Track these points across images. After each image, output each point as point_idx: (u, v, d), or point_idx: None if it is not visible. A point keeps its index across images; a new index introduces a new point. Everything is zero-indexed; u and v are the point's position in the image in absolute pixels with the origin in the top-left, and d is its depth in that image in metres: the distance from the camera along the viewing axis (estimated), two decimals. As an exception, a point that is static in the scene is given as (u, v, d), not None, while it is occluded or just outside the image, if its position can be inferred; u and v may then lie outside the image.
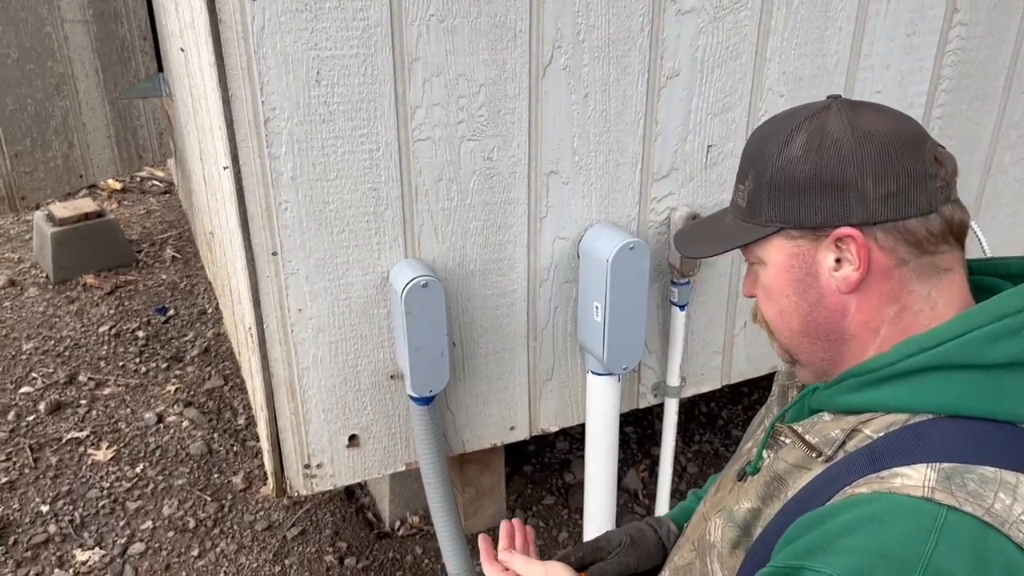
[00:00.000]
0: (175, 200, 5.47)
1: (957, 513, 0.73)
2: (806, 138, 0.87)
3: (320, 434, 1.84)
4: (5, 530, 2.67)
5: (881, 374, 0.85)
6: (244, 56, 1.47)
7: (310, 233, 1.65)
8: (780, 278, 0.92)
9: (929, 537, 0.72)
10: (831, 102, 0.89)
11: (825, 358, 0.92)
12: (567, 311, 1.98)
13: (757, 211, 0.91)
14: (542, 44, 1.69)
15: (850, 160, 0.85)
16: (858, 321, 0.89)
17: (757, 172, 0.91)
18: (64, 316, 3.97)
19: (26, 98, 3.14)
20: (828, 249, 0.87)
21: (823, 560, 0.75)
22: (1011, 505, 0.74)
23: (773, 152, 0.89)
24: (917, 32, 2.09)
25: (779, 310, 0.94)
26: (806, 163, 0.86)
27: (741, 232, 0.94)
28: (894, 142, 0.85)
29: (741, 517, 0.94)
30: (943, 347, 0.82)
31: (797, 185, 0.87)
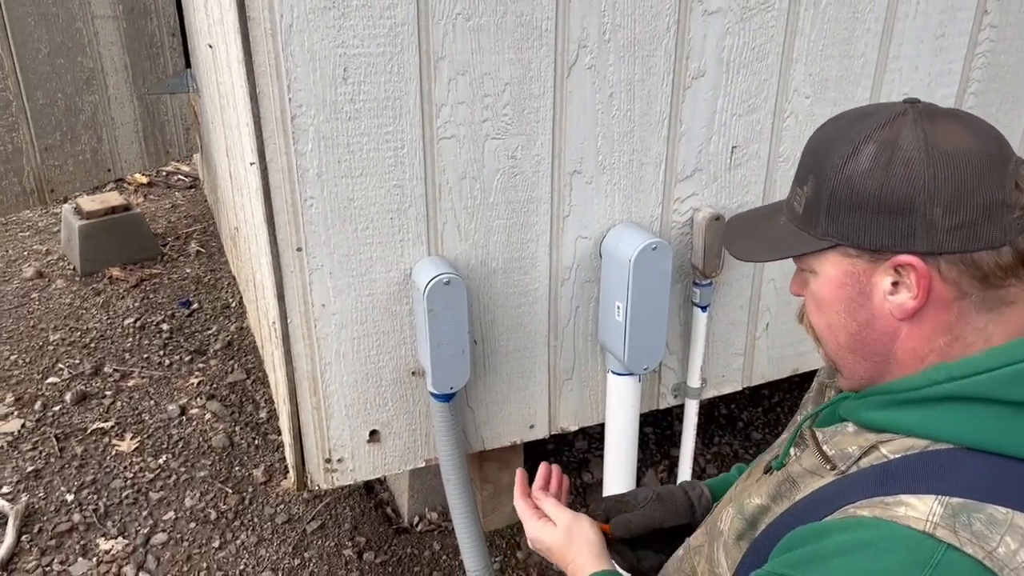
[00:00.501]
0: (200, 195, 5.52)
1: (956, 552, 0.72)
2: (875, 151, 0.81)
3: (341, 429, 1.85)
4: (30, 518, 2.71)
5: (905, 396, 0.83)
6: (272, 53, 1.49)
7: (335, 229, 1.66)
8: (832, 293, 0.88)
9: (922, 572, 0.71)
10: (908, 108, 0.83)
11: (866, 376, 0.90)
12: (588, 310, 1.98)
13: (814, 222, 0.86)
14: (568, 43, 1.69)
15: (921, 184, 0.79)
16: (906, 348, 0.85)
17: (818, 180, 0.86)
18: (90, 308, 4.02)
19: (56, 92, 3.19)
20: (886, 272, 0.83)
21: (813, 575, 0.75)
22: (1016, 550, 0.72)
23: (838, 163, 0.83)
24: (947, 34, 2.07)
25: (828, 323, 0.91)
26: (871, 180, 0.81)
27: (796, 241, 0.89)
28: (971, 167, 0.79)
29: (750, 511, 0.94)
30: (973, 379, 0.79)
31: (860, 203, 0.82)
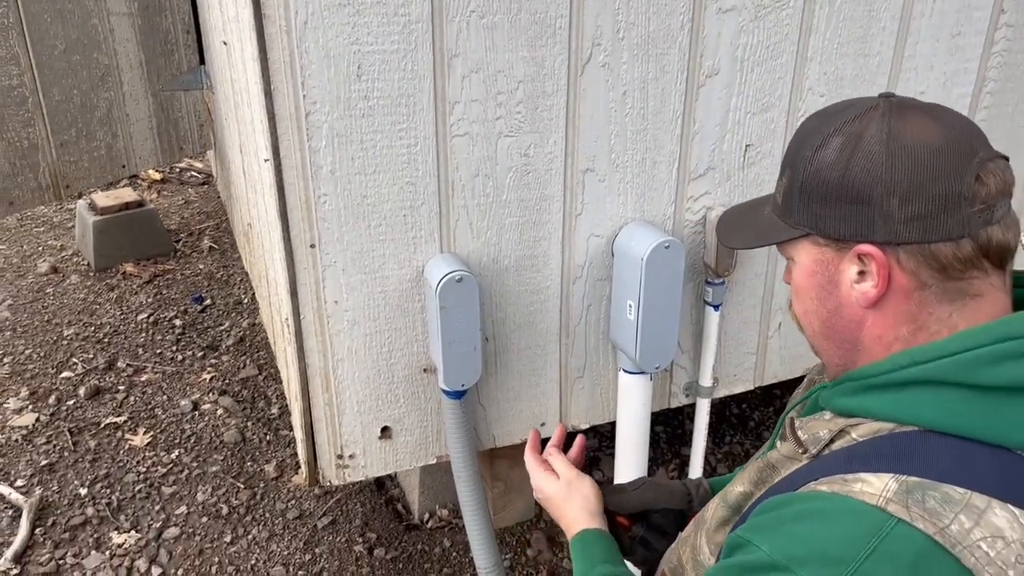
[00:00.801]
0: (213, 191, 5.54)
1: (906, 527, 0.73)
2: (841, 143, 0.85)
3: (353, 425, 1.86)
4: (44, 511, 2.73)
5: (873, 381, 0.85)
6: (287, 50, 1.49)
7: (348, 226, 1.66)
8: (805, 280, 0.92)
9: (868, 543, 0.73)
10: (880, 102, 0.86)
11: (840, 364, 0.93)
12: (600, 309, 1.98)
13: (789, 211, 0.91)
14: (581, 41, 1.69)
15: (878, 175, 0.82)
16: (872, 335, 0.88)
17: (792, 171, 0.90)
18: (104, 303, 4.05)
19: (72, 89, 3.21)
20: (851, 261, 0.86)
21: (767, 538, 0.79)
22: (970, 529, 0.73)
23: (808, 153, 0.87)
24: (963, 33, 2.06)
25: (804, 310, 0.95)
26: (835, 171, 0.84)
27: (774, 230, 0.94)
28: (931, 160, 0.81)
29: (733, 499, 0.97)
30: (937, 363, 0.81)
31: (825, 192, 0.86)
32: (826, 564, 0.74)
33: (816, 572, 0.74)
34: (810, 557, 0.75)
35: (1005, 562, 0.73)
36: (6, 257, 4.57)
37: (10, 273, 4.37)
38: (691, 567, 1.02)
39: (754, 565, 0.78)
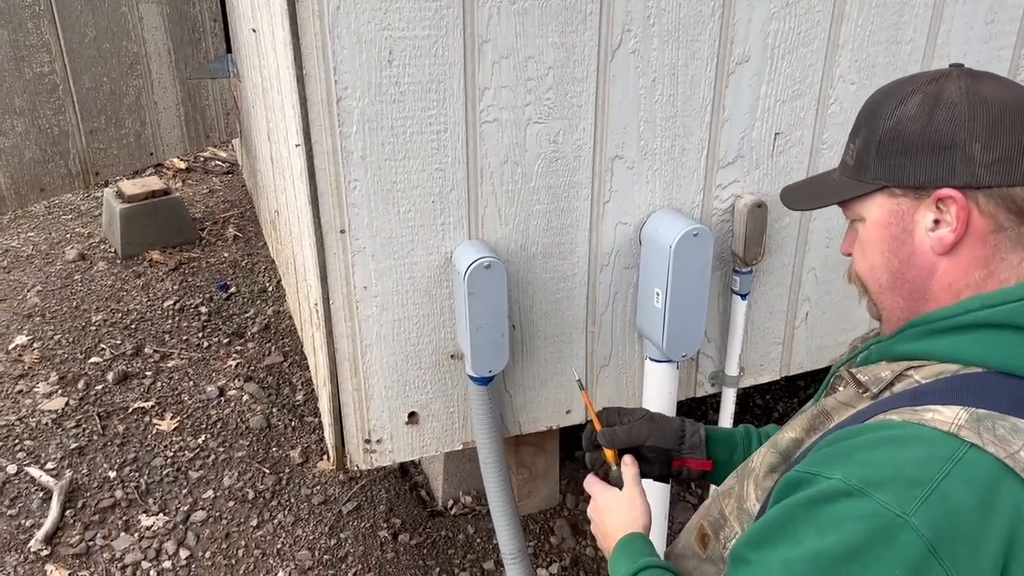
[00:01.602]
0: (237, 180, 5.58)
1: (978, 451, 0.76)
2: (921, 99, 0.89)
3: (381, 410, 1.87)
4: (74, 494, 2.77)
5: (940, 325, 0.88)
6: (319, 35, 1.50)
7: (377, 212, 1.67)
8: (877, 234, 0.94)
9: (944, 465, 0.75)
10: (953, 69, 0.90)
11: (903, 316, 0.94)
12: (627, 297, 1.98)
13: (864, 168, 0.93)
14: (612, 27, 1.68)
15: (961, 123, 0.86)
16: (943, 283, 0.90)
17: (868, 130, 0.93)
18: (131, 290, 4.09)
19: (102, 76, 3.24)
20: (928, 209, 0.89)
21: (837, 467, 0.79)
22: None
23: (887, 112, 0.91)
24: (996, 20, 2.03)
25: (871, 265, 0.96)
26: (917, 123, 0.88)
27: (845, 188, 0.96)
28: (1009, 110, 0.86)
29: (784, 445, 0.98)
30: (1006, 306, 0.84)
31: (905, 144, 0.89)
32: (903, 486, 0.75)
33: (893, 494, 0.75)
34: (886, 480, 0.76)
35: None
36: (35, 244, 4.63)
37: (39, 260, 4.43)
38: (735, 517, 1.01)
39: (825, 494, 0.79)
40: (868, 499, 0.76)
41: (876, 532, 0.75)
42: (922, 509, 0.74)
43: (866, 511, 0.76)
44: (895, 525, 0.74)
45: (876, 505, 0.75)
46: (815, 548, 0.77)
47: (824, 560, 0.76)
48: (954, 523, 0.74)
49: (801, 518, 0.80)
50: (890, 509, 0.75)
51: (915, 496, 0.75)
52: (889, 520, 0.75)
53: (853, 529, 0.76)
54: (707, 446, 1.28)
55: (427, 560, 2.54)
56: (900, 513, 0.74)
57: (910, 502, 0.74)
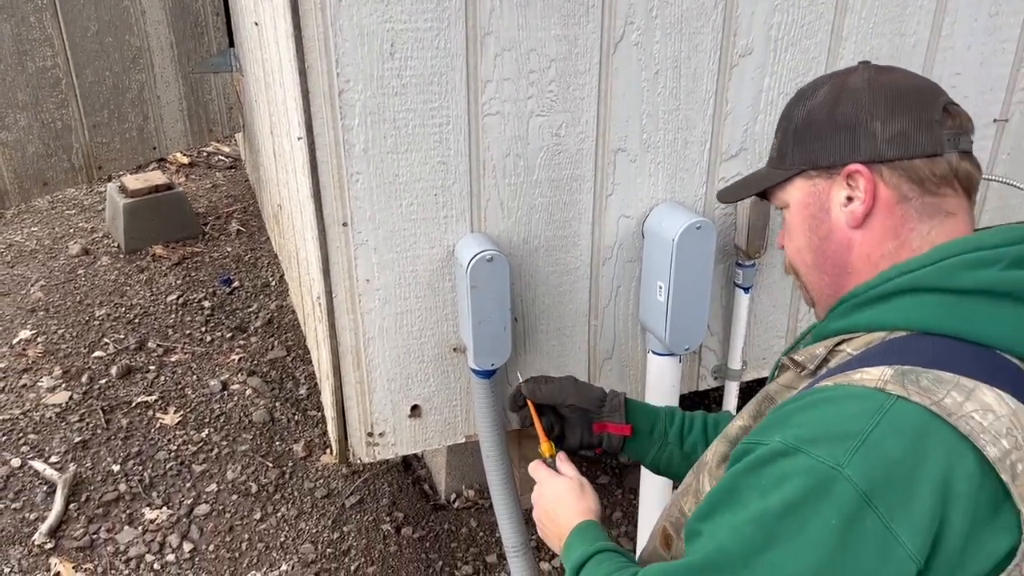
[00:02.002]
0: (240, 175, 5.58)
1: (905, 402, 0.80)
2: (828, 89, 0.99)
3: (384, 403, 1.87)
4: (78, 487, 2.78)
5: (863, 298, 0.94)
6: (321, 28, 1.50)
7: (380, 205, 1.67)
8: (799, 215, 1.02)
9: (873, 416, 0.79)
10: (860, 64, 1.00)
11: (831, 292, 1.01)
12: (629, 290, 1.98)
13: (784, 158, 1.03)
14: (614, 19, 1.68)
15: (863, 105, 0.95)
16: (861, 255, 0.97)
17: (786, 123, 1.03)
18: (134, 285, 4.10)
19: (104, 71, 3.24)
20: (840, 186, 0.97)
21: (775, 432, 0.84)
22: (962, 402, 0.80)
23: (800, 104, 1.01)
24: (1001, 12, 2.02)
25: (797, 248, 1.04)
26: (824, 109, 0.98)
27: (768, 177, 1.06)
28: (905, 91, 0.95)
29: (734, 434, 1.02)
30: (920, 271, 0.90)
31: (817, 129, 0.98)
32: (834, 440, 0.79)
33: (826, 449, 0.79)
34: (818, 436, 0.80)
35: (998, 432, 0.79)
36: (38, 239, 4.63)
37: (42, 255, 4.44)
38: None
39: (764, 457, 0.83)
40: (804, 455, 0.80)
41: (813, 486, 0.78)
42: (854, 460, 0.77)
43: (802, 467, 0.79)
44: (830, 477, 0.77)
45: (811, 460, 0.79)
46: (759, 508, 0.80)
47: (767, 518, 0.80)
48: (887, 471, 0.77)
49: (744, 483, 0.84)
50: (824, 462, 0.78)
51: (847, 448, 0.78)
52: (824, 473, 0.78)
53: (792, 485, 0.79)
54: (627, 414, 1.37)
55: (430, 553, 2.55)
56: (834, 465, 0.78)
57: (843, 454, 0.78)
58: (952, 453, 0.78)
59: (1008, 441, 0.79)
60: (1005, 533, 0.79)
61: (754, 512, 0.81)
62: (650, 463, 1.40)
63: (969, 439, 0.78)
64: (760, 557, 0.79)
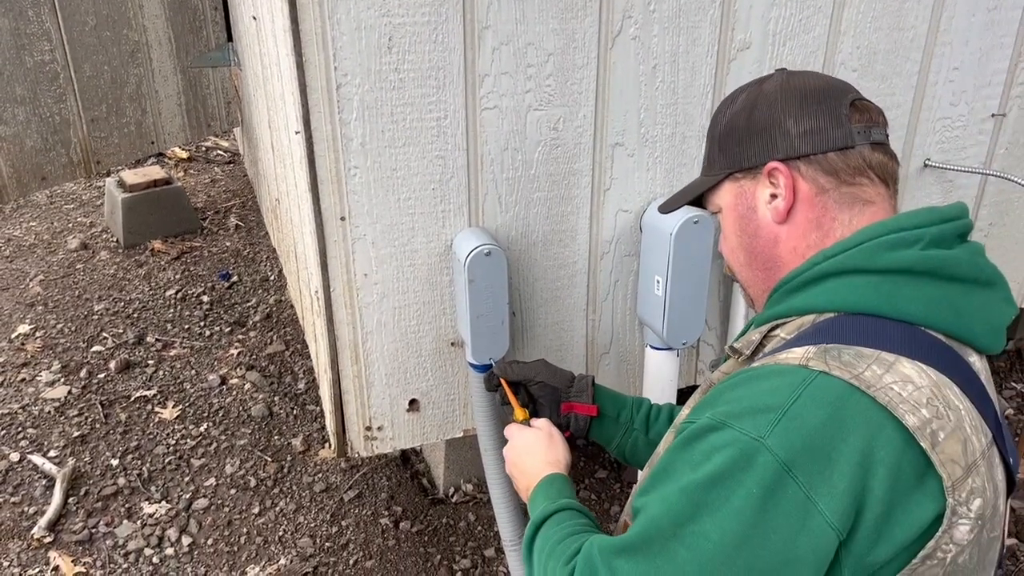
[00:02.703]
0: (239, 170, 5.58)
1: (827, 376, 0.84)
2: (745, 96, 1.05)
3: (382, 397, 1.88)
4: (77, 481, 2.78)
5: (794, 283, 0.98)
6: (318, 22, 1.50)
7: (377, 199, 1.67)
8: (730, 217, 1.07)
9: (794, 391, 0.83)
10: (776, 72, 1.06)
11: (765, 287, 1.06)
12: (627, 284, 1.98)
13: (713, 164, 1.09)
14: (612, 13, 1.68)
15: (776, 107, 1.01)
16: (788, 248, 1.02)
17: (712, 132, 1.09)
18: (133, 279, 4.10)
19: (103, 65, 3.23)
20: (764, 185, 1.02)
21: (706, 411, 0.88)
22: (882, 375, 0.84)
23: (722, 113, 1.08)
24: (999, 7, 2.02)
25: (731, 248, 1.09)
26: (743, 115, 1.03)
27: (700, 184, 1.12)
28: (814, 91, 1.00)
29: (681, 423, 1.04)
30: (844, 254, 0.94)
31: (737, 134, 1.04)
32: (758, 413, 0.83)
33: (750, 422, 0.83)
34: (743, 410, 0.84)
35: (917, 402, 0.83)
36: (37, 234, 4.63)
37: (41, 249, 4.44)
38: None
39: (695, 432, 0.87)
40: (729, 429, 0.84)
41: (736, 457, 0.82)
42: (776, 431, 0.81)
43: (728, 440, 0.83)
44: (752, 448, 0.81)
45: (735, 433, 0.83)
46: (688, 480, 0.84)
47: (693, 488, 0.83)
48: (806, 442, 0.80)
49: (678, 459, 0.88)
50: (747, 434, 0.82)
51: (769, 420, 0.82)
52: (746, 444, 0.82)
53: (718, 458, 0.83)
54: (594, 397, 1.43)
55: (428, 547, 2.55)
56: (756, 437, 0.81)
57: (765, 426, 0.82)
58: (871, 423, 0.81)
59: (928, 411, 0.83)
60: (930, 500, 0.82)
61: (683, 484, 0.85)
62: (615, 448, 1.44)
63: (888, 409, 0.81)
64: (688, 527, 0.82)
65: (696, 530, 0.81)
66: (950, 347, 0.91)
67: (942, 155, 2.15)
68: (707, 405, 0.90)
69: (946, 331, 0.91)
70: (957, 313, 0.91)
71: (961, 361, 0.91)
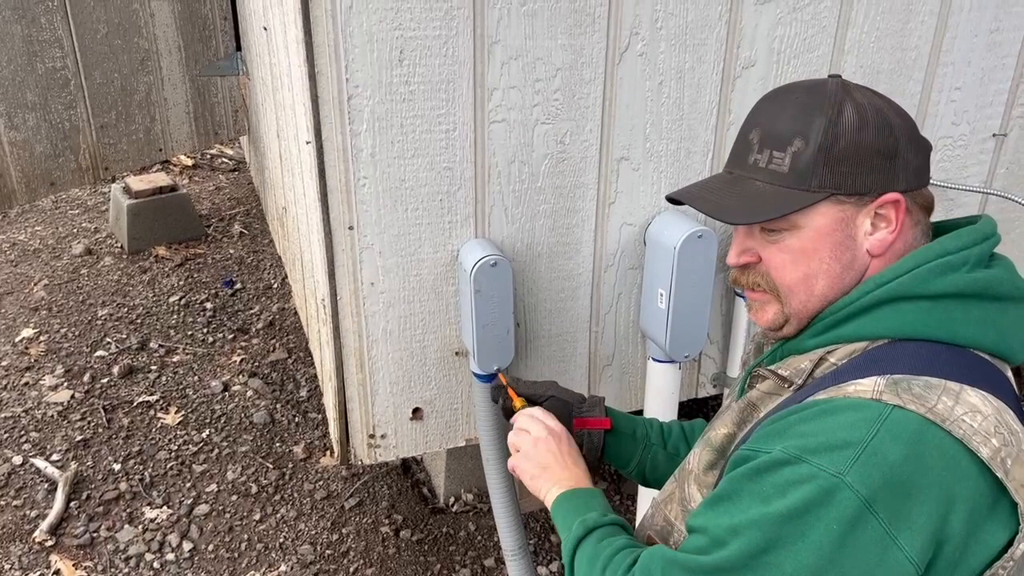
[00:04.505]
0: (243, 177, 5.61)
1: (901, 410, 0.83)
2: (853, 109, 0.94)
3: (386, 405, 1.89)
4: (79, 485, 2.79)
5: (843, 314, 0.96)
6: (331, 34, 1.52)
7: (386, 209, 1.69)
8: (819, 242, 0.97)
9: (872, 427, 0.82)
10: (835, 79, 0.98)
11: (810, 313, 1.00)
12: (631, 297, 2.00)
13: (805, 178, 0.95)
14: (620, 30, 1.70)
15: (900, 131, 0.95)
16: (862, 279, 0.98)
17: (804, 140, 0.95)
18: (137, 285, 4.12)
19: (113, 72, 3.26)
20: (867, 214, 0.96)
21: (776, 443, 0.86)
22: (953, 407, 0.83)
23: (824, 122, 0.94)
24: (1001, 28, 2.05)
25: (806, 274, 0.98)
26: (858, 132, 0.93)
27: (790, 199, 0.95)
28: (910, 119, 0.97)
29: (718, 441, 1.04)
30: (895, 281, 0.93)
31: (857, 153, 0.94)
32: (836, 449, 0.81)
33: (828, 458, 0.81)
34: (820, 447, 0.82)
35: (987, 432, 0.83)
36: (42, 238, 4.66)
37: (46, 254, 4.46)
38: (681, 521, 1.06)
39: (767, 464, 0.85)
40: (806, 464, 0.82)
41: (816, 494, 0.81)
42: (855, 468, 0.80)
43: (804, 475, 0.81)
44: (832, 485, 0.80)
45: (813, 468, 0.81)
46: (760, 513, 0.83)
47: (768, 523, 0.82)
48: (887, 478, 0.79)
49: (746, 489, 0.86)
50: (826, 471, 0.80)
51: (848, 456, 0.80)
52: (826, 481, 0.80)
53: (794, 493, 0.81)
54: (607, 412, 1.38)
55: (428, 556, 2.56)
56: (835, 473, 0.80)
57: (844, 462, 0.80)
58: (948, 457, 0.81)
59: (997, 440, 0.83)
60: (1002, 527, 0.83)
61: (755, 516, 0.83)
62: (635, 468, 1.39)
63: (963, 442, 0.82)
64: (761, 558, 0.81)
65: (770, 561, 0.81)
66: (995, 366, 0.92)
67: (943, 174, 2.17)
68: (775, 436, 0.87)
69: (991, 351, 0.92)
70: (1000, 332, 0.92)
71: (1006, 380, 0.92)
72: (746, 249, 1.02)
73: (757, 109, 1.03)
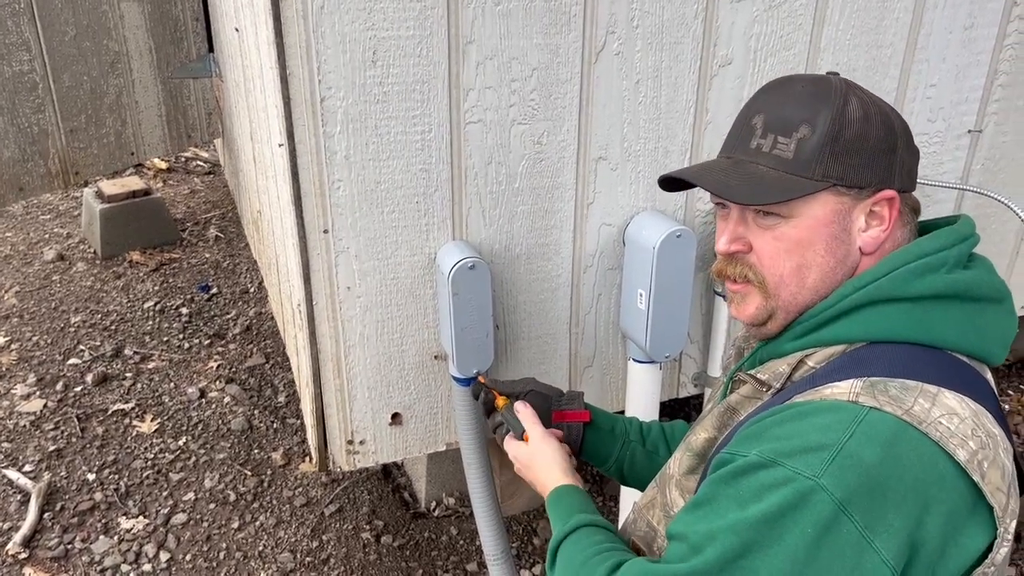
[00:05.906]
0: (219, 181, 5.54)
1: (878, 412, 0.82)
2: (858, 102, 0.94)
3: (364, 411, 1.87)
4: (52, 496, 2.74)
5: (822, 317, 0.95)
6: (303, 35, 1.50)
7: (361, 212, 1.67)
8: (815, 232, 0.95)
9: (848, 428, 0.81)
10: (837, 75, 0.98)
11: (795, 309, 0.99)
12: (610, 298, 1.98)
13: (809, 166, 0.93)
14: (596, 29, 1.69)
15: (902, 129, 0.96)
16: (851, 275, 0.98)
17: (811, 127, 0.93)
18: (111, 291, 4.06)
19: (82, 75, 3.21)
20: (863, 210, 0.95)
21: (753, 446, 0.85)
22: (930, 409, 0.83)
23: (831, 112, 0.93)
24: (975, 25, 2.06)
25: (799, 264, 0.96)
26: (864, 125, 0.93)
27: (794, 184, 0.93)
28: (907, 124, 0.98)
29: (699, 446, 1.03)
30: (873, 284, 0.92)
31: (861, 145, 0.93)
32: (810, 451, 0.81)
33: (803, 460, 0.80)
34: (796, 449, 0.82)
35: (964, 435, 0.83)
36: (12, 244, 4.57)
37: (16, 260, 4.38)
38: (664, 526, 1.05)
39: (743, 468, 0.84)
40: (781, 467, 0.81)
41: (791, 496, 0.79)
42: (830, 470, 0.79)
43: (780, 478, 0.81)
44: (807, 488, 0.79)
45: (788, 472, 0.80)
46: (737, 518, 0.82)
47: (744, 527, 0.81)
48: (862, 480, 0.79)
49: (723, 494, 0.85)
50: (801, 474, 0.80)
51: (823, 459, 0.80)
52: (801, 484, 0.79)
53: (770, 497, 0.80)
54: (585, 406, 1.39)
55: (410, 562, 2.53)
56: (810, 476, 0.79)
57: (819, 465, 0.79)
58: (925, 459, 0.80)
59: (974, 443, 0.83)
60: (980, 531, 0.83)
61: (731, 521, 0.82)
62: (613, 464, 1.39)
63: (939, 444, 0.81)
64: (737, 563, 0.81)
65: (745, 565, 0.80)
66: (974, 368, 0.92)
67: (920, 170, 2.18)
68: (751, 439, 0.87)
69: (970, 352, 0.92)
70: (979, 334, 0.92)
71: (984, 382, 0.92)
72: (738, 237, 0.99)
73: (759, 96, 1.00)
